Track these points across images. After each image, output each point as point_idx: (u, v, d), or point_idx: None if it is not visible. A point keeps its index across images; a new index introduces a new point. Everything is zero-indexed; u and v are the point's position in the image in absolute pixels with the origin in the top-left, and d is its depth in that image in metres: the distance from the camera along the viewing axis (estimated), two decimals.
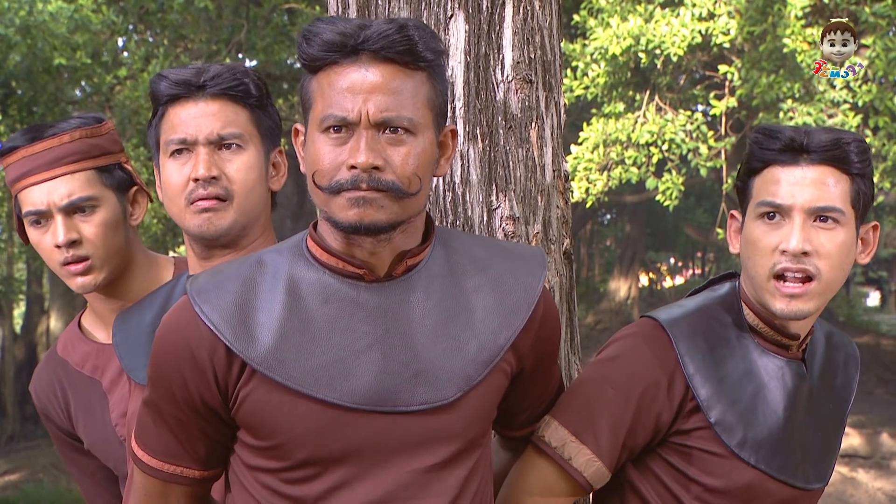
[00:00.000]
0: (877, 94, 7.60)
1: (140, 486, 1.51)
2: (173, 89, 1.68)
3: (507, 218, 1.88)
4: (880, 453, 10.98)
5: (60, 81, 9.11)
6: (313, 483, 1.37)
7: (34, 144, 1.86)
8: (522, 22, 1.91)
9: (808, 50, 7.46)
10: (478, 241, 1.54)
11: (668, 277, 28.67)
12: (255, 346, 1.35)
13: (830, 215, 1.55)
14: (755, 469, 1.60)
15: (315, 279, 1.39)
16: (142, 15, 9.66)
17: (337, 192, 1.32)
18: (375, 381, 1.35)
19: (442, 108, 1.40)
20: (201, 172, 1.66)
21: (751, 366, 1.64)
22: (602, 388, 1.61)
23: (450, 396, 1.38)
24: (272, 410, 1.36)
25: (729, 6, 7.72)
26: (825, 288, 1.57)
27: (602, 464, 1.60)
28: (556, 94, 2.00)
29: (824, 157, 1.55)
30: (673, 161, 8.54)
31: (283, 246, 1.45)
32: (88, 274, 1.87)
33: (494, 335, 1.42)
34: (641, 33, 7.66)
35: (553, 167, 1.97)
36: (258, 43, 9.42)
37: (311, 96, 1.36)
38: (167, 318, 1.42)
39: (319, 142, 1.34)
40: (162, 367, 1.40)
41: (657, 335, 1.63)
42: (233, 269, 1.42)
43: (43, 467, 12.97)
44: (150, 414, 1.44)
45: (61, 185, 1.85)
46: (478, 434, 1.44)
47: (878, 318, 23.27)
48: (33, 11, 8.21)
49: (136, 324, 1.79)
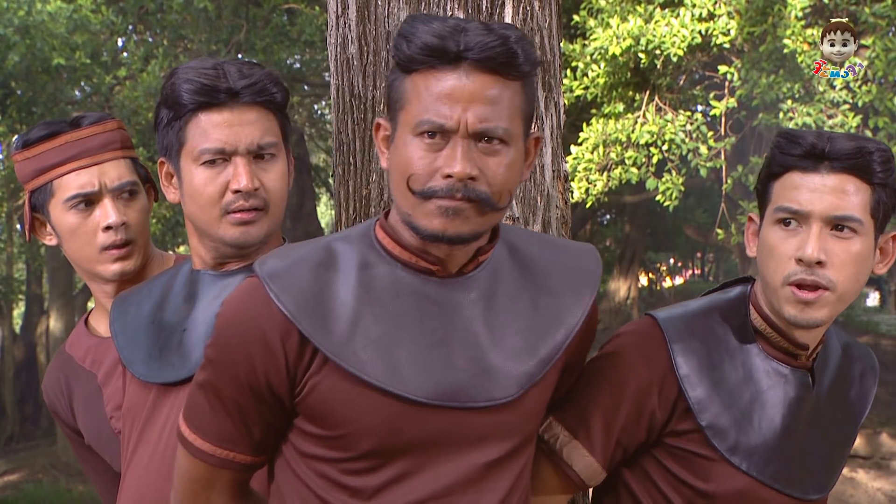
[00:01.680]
0: (877, 94, 7.59)
1: (186, 471, 1.50)
2: (202, 96, 1.64)
3: (507, 218, 1.88)
4: (880, 453, 10.98)
5: (59, 81, 9.11)
6: (374, 475, 1.39)
7: (80, 129, 1.89)
8: (522, 22, 1.91)
9: (808, 50, 7.45)
10: (536, 239, 1.57)
11: (668, 278, 28.67)
12: (330, 337, 1.35)
13: (848, 224, 1.52)
14: (747, 475, 1.59)
15: (387, 272, 1.40)
16: (141, 15, 9.66)
17: (428, 197, 1.32)
18: (443, 377, 1.37)
19: (531, 116, 1.41)
20: (244, 184, 1.64)
21: (751, 372, 1.62)
22: (597, 385, 1.62)
23: (513, 394, 1.40)
24: (342, 400, 1.37)
25: (729, 6, 7.71)
26: (839, 298, 1.54)
27: (594, 459, 1.60)
28: (556, 94, 2.00)
29: (845, 165, 1.52)
30: (673, 161, 8.54)
31: (350, 235, 1.46)
32: (128, 259, 1.90)
33: (554, 333, 1.45)
34: (641, 33, 7.65)
35: (552, 167, 1.97)
36: (258, 43, 9.42)
37: (405, 97, 1.35)
38: (235, 301, 1.41)
39: (412, 145, 1.34)
40: (229, 349, 1.40)
41: (653, 334, 1.63)
42: (302, 252, 1.42)
43: (42, 467, 12.97)
44: (207, 397, 1.44)
45: (111, 169, 1.89)
46: (533, 430, 1.49)
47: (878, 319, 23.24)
48: (32, 11, 8.21)
49: (134, 313, 1.78)
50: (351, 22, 1.99)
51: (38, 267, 15.51)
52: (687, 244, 23.66)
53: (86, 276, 1.97)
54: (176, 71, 1.69)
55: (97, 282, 1.95)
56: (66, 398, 2.01)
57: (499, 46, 1.31)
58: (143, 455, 1.71)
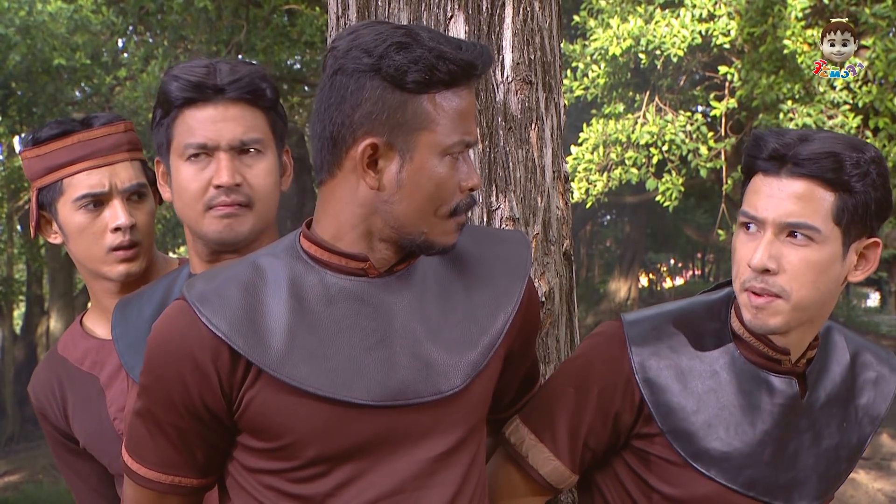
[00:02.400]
0: (877, 95, 7.59)
1: (133, 500, 1.48)
2: (189, 92, 1.65)
3: (507, 219, 1.88)
4: (880, 454, 10.98)
5: (60, 82, 9.11)
6: (322, 480, 1.38)
7: (92, 129, 1.89)
8: (522, 23, 1.91)
9: (808, 51, 7.46)
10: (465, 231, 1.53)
11: (668, 278, 28.66)
12: (268, 353, 1.34)
13: (802, 232, 1.46)
14: (713, 482, 1.56)
15: (316, 281, 1.39)
16: (141, 16, 9.65)
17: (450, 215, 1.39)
18: (389, 377, 1.36)
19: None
20: (225, 180, 1.64)
21: (725, 376, 1.58)
22: (563, 387, 1.62)
23: (458, 385, 1.40)
24: (280, 412, 1.36)
25: (729, 7, 7.72)
26: (796, 306, 1.49)
27: (560, 462, 1.59)
28: (556, 94, 2.00)
29: (807, 171, 1.46)
30: (673, 162, 8.54)
31: (275, 248, 1.45)
32: (135, 260, 1.90)
33: (493, 319, 1.45)
34: (641, 34, 7.65)
35: (553, 168, 1.97)
36: (258, 44, 9.41)
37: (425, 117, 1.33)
38: (162, 326, 1.40)
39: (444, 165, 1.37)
40: (160, 374, 1.39)
41: (617, 335, 1.61)
42: (229, 273, 1.41)
43: (43, 468, 12.96)
44: (146, 424, 1.43)
45: (122, 170, 1.90)
46: (479, 419, 1.48)
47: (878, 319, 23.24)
48: (33, 12, 8.21)
49: (135, 318, 1.78)
50: (351, 23, 1.99)
51: (38, 268, 15.50)
52: (687, 245, 23.66)
53: (89, 275, 1.96)
54: (171, 70, 1.70)
55: (100, 281, 1.95)
56: (59, 401, 1.99)
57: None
58: None
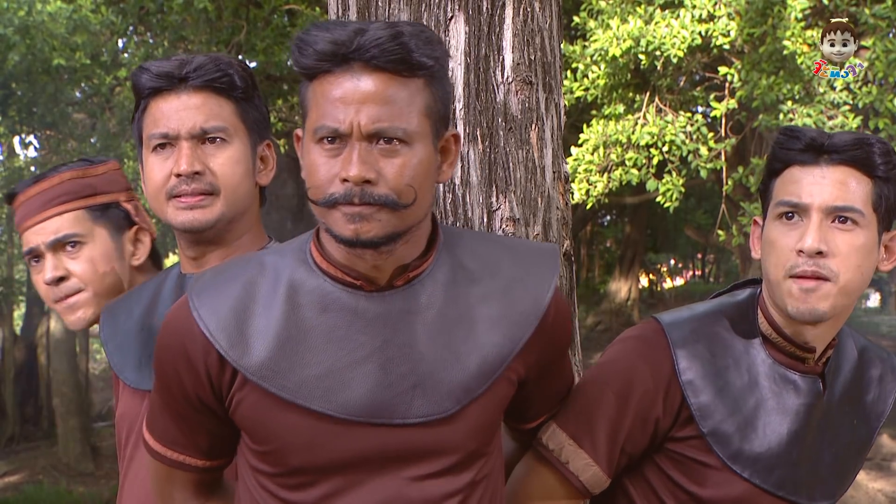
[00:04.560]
0: (877, 95, 7.58)
1: (151, 468, 1.54)
2: (155, 82, 1.65)
3: (508, 219, 1.88)
4: (881, 455, 10.97)
5: (60, 82, 9.10)
6: (308, 490, 1.36)
7: (29, 189, 1.91)
8: (522, 23, 1.91)
9: (808, 52, 7.45)
10: (486, 243, 1.48)
11: (669, 279, 28.65)
12: (249, 355, 1.33)
13: (849, 216, 1.50)
14: (748, 482, 1.57)
15: (315, 286, 1.36)
16: (141, 16, 9.65)
17: (332, 206, 1.28)
18: (371, 393, 1.33)
19: (442, 114, 1.35)
20: (183, 168, 1.63)
21: (757, 377, 1.59)
22: (601, 392, 1.59)
23: (449, 409, 1.35)
24: (266, 417, 1.35)
25: (729, 8, 7.71)
26: (842, 290, 1.51)
27: (599, 468, 1.58)
28: (556, 95, 2.00)
29: (845, 158, 1.51)
30: (673, 162, 8.53)
31: (287, 248, 1.43)
32: (78, 310, 1.89)
33: (498, 347, 1.38)
34: (641, 35, 7.65)
35: (553, 169, 1.96)
36: (258, 44, 9.41)
37: (307, 104, 1.33)
38: (168, 315, 1.41)
39: (313, 153, 1.30)
40: (161, 362, 1.41)
41: (657, 339, 1.61)
42: (235, 269, 1.41)
43: (43, 469, 12.96)
44: (158, 401, 1.46)
45: (49, 224, 1.89)
46: (480, 445, 1.41)
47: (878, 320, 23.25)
48: (32, 11, 8.21)
49: (123, 320, 1.78)
50: None
51: None
52: (687, 245, 23.66)
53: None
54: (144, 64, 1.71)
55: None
56: None
57: (390, 43, 1.25)
58: (142, 463, 1.70)
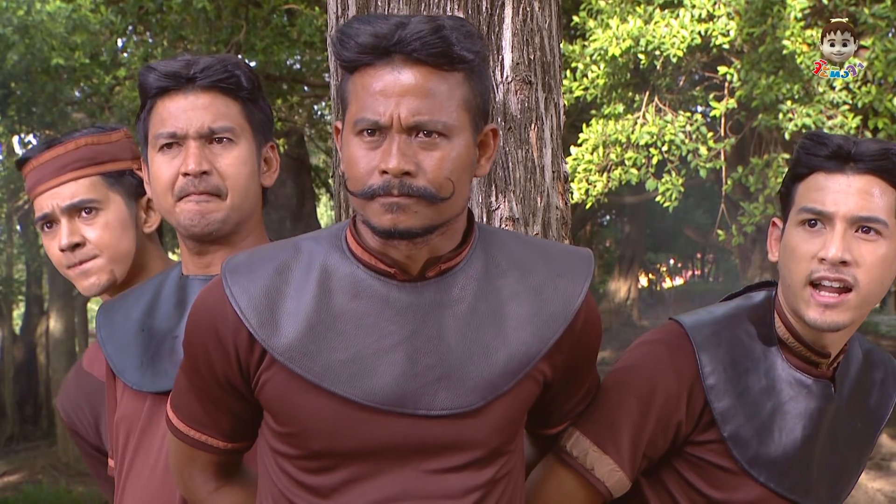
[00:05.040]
0: (876, 95, 7.57)
1: (171, 447, 1.55)
2: (162, 81, 1.66)
3: (507, 219, 1.88)
4: (880, 454, 10.97)
5: (59, 81, 9.09)
6: (329, 475, 1.37)
7: (43, 154, 1.92)
8: (522, 23, 1.91)
9: (807, 51, 7.45)
10: (522, 244, 1.49)
11: (668, 278, 28.67)
12: (278, 335, 1.35)
13: (873, 226, 1.49)
14: (763, 487, 1.57)
15: (348, 272, 1.38)
16: (141, 15, 9.64)
17: (371, 197, 1.30)
18: (396, 382, 1.34)
19: (481, 108, 1.37)
20: (191, 167, 1.63)
21: (773, 382, 1.59)
22: (623, 396, 1.58)
23: (473, 404, 1.36)
24: (290, 399, 1.36)
25: (728, 7, 7.71)
26: (862, 301, 1.51)
27: (623, 473, 1.57)
28: (556, 95, 2.00)
29: (871, 167, 1.50)
30: (672, 162, 8.53)
31: (322, 234, 1.44)
32: (92, 276, 1.91)
33: (526, 346, 1.39)
34: (641, 34, 7.64)
35: (552, 168, 1.96)
36: (257, 44, 9.40)
37: (347, 97, 1.35)
38: (202, 293, 1.43)
39: (353, 145, 1.32)
40: (191, 340, 1.43)
41: (681, 343, 1.60)
42: (270, 251, 1.42)
43: (42, 468, 12.96)
44: (184, 380, 1.48)
45: (65, 190, 1.90)
46: (502, 442, 1.41)
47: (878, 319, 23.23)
48: (31, 11, 8.19)
49: (121, 320, 1.77)
50: None
51: (37, 268, 15.49)
52: (687, 245, 23.67)
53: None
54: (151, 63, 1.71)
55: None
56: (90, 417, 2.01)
57: (431, 37, 1.28)
58: (145, 465, 1.70)
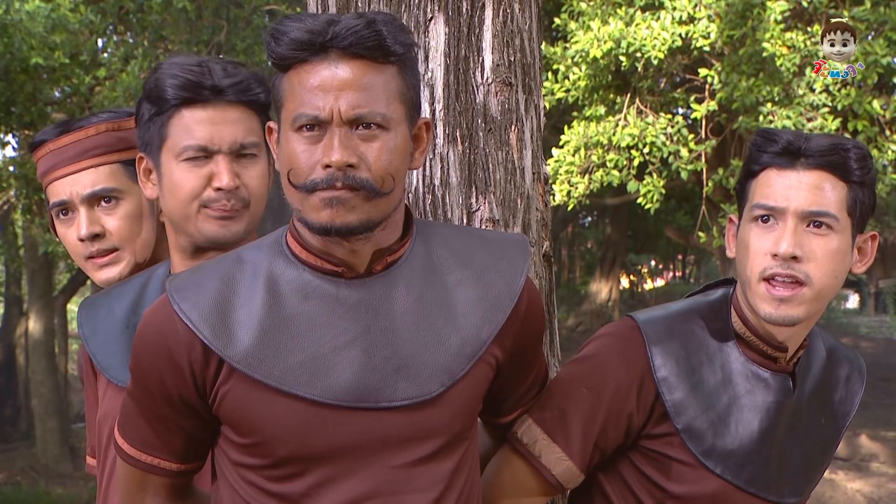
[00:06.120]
0: (855, 97, 7.64)
1: (121, 475, 1.52)
2: (186, 92, 1.64)
3: (487, 220, 1.88)
4: (859, 455, 11.05)
5: (38, 81, 9.02)
6: (297, 481, 1.37)
7: (61, 138, 1.89)
8: (502, 24, 1.91)
9: (787, 54, 7.50)
10: (459, 233, 1.53)
11: (649, 280, 28.78)
12: (233, 345, 1.34)
13: (824, 220, 1.52)
14: (721, 479, 1.59)
15: (294, 276, 1.39)
16: (121, 15, 9.59)
17: (311, 190, 1.31)
18: (356, 378, 1.35)
19: (414, 101, 1.39)
20: (226, 183, 1.65)
21: (729, 375, 1.61)
22: (575, 387, 1.61)
23: (433, 391, 1.37)
24: (252, 408, 1.35)
25: (709, 10, 7.75)
26: (816, 295, 1.53)
27: (572, 463, 1.60)
28: (536, 96, 2.00)
29: (821, 162, 1.52)
30: (654, 164, 8.56)
31: (262, 242, 1.45)
32: (112, 266, 1.89)
33: (477, 329, 1.41)
34: (622, 36, 7.67)
35: (533, 170, 1.96)
36: (238, 44, 9.38)
37: (282, 95, 1.35)
38: (147, 314, 1.42)
39: (293, 141, 1.33)
40: (140, 362, 1.41)
41: (632, 336, 1.63)
42: (212, 266, 1.42)
43: (21, 470, 12.86)
44: (132, 404, 1.45)
45: (84, 177, 1.88)
46: (463, 428, 1.44)
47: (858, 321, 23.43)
48: (10, 10, 8.13)
49: (104, 317, 1.77)
50: None
51: (17, 268, 15.38)
52: (668, 246, 23.77)
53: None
54: (160, 66, 1.69)
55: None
56: None
57: (365, 31, 1.30)
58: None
